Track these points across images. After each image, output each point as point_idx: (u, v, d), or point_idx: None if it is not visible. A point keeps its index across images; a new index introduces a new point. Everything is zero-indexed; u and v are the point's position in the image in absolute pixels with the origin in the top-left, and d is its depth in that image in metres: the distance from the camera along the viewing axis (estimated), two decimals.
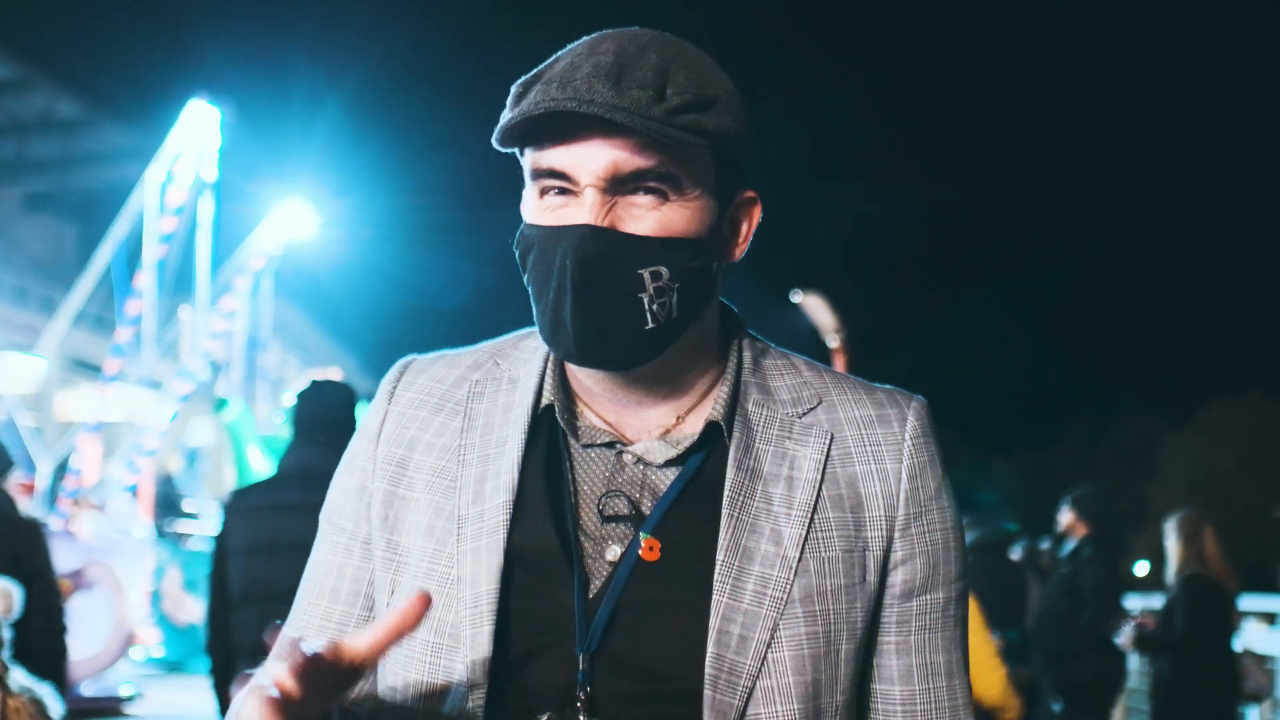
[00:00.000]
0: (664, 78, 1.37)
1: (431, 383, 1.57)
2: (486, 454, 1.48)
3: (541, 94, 1.36)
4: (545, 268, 1.39)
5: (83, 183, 28.02)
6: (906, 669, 1.46)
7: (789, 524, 1.41)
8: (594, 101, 1.33)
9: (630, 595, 1.38)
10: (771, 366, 1.54)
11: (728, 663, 1.35)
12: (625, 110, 1.33)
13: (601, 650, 1.37)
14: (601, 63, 1.36)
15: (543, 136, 1.38)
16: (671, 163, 1.38)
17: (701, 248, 1.42)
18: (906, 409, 1.51)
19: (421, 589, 1.31)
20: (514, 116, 1.36)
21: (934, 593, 1.47)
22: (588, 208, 1.37)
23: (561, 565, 1.40)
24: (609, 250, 1.36)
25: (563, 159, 1.38)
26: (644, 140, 1.35)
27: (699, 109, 1.38)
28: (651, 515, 1.42)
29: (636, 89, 1.35)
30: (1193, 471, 37.18)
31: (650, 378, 1.46)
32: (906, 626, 1.46)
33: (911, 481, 1.47)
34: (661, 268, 1.38)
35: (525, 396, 1.50)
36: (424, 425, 1.53)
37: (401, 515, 1.49)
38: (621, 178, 1.37)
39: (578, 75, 1.35)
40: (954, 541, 1.49)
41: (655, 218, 1.38)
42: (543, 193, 1.42)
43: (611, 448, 1.47)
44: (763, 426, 1.47)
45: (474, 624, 1.39)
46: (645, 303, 1.38)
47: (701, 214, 1.42)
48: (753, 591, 1.37)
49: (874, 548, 1.44)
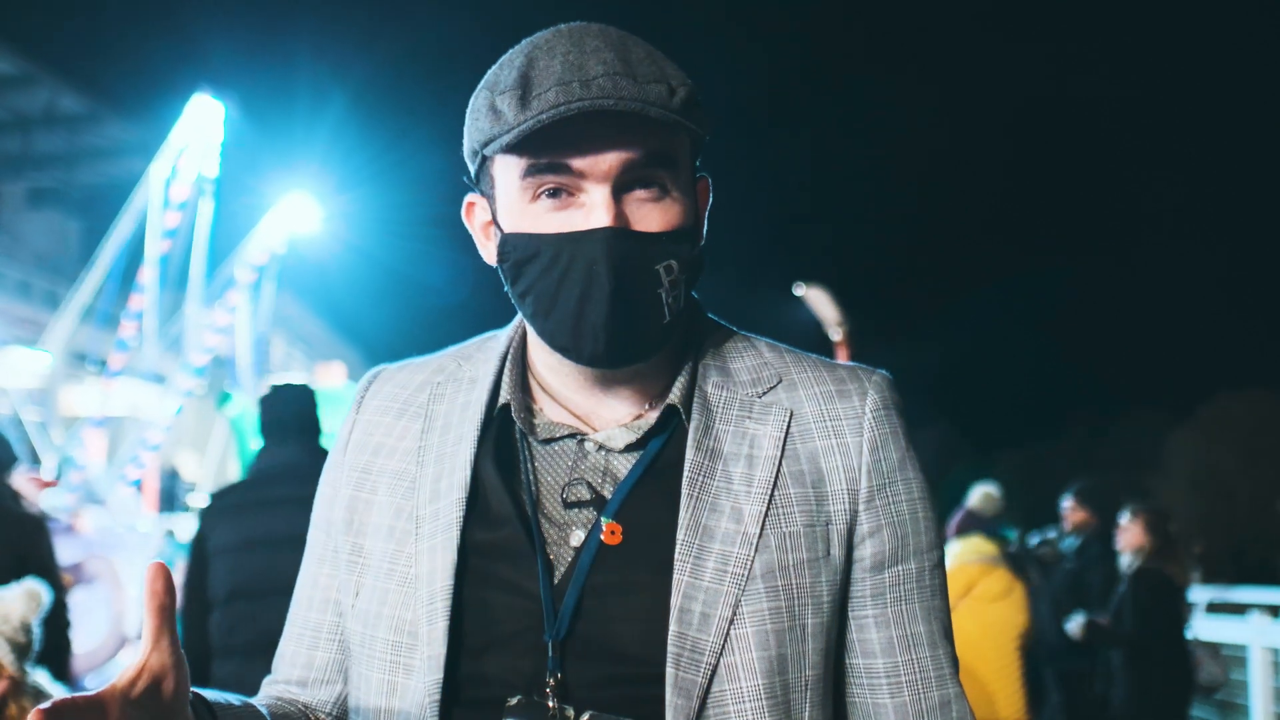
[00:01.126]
0: (664, 71, 1.40)
1: (396, 389, 1.60)
2: (444, 453, 1.50)
3: (563, 94, 1.35)
4: (561, 275, 1.39)
5: (87, 178, 28.05)
6: (887, 641, 1.46)
7: (749, 501, 1.42)
8: (624, 98, 1.34)
9: (594, 579, 1.39)
10: (731, 349, 1.56)
11: (690, 640, 1.36)
12: (654, 105, 1.35)
13: (570, 636, 1.38)
14: (608, 59, 1.37)
15: (544, 138, 1.37)
16: (674, 150, 1.42)
17: (694, 236, 1.46)
18: (867, 383, 1.52)
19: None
20: (540, 119, 1.34)
21: (906, 563, 1.47)
22: (600, 209, 1.38)
23: (524, 554, 1.42)
24: (634, 250, 1.38)
25: (574, 155, 1.38)
26: (650, 131, 1.38)
27: (696, 103, 1.42)
28: (612, 499, 1.43)
29: (653, 83, 1.37)
30: (1194, 467, 37.07)
31: (627, 373, 1.49)
32: (882, 599, 1.46)
33: (874, 454, 1.47)
34: (672, 261, 1.41)
35: (481, 395, 1.52)
36: (388, 430, 1.56)
37: (365, 519, 1.52)
38: (632, 165, 1.38)
39: (593, 74, 1.36)
40: (922, 512, 1.49)
41: (659, 212, 1.41)
42: (533, 195, 1.41)
43: (574, 438, 1.49)
44: (722, 407, 1.48)
45: (430, 620, 1.41)
46: (663, 297, 1.41)
47: (688, 203, 1.45)
48: (714, 569, 1.38)
49: (837, 521, 1.44)
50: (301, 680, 1.56)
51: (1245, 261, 63.38)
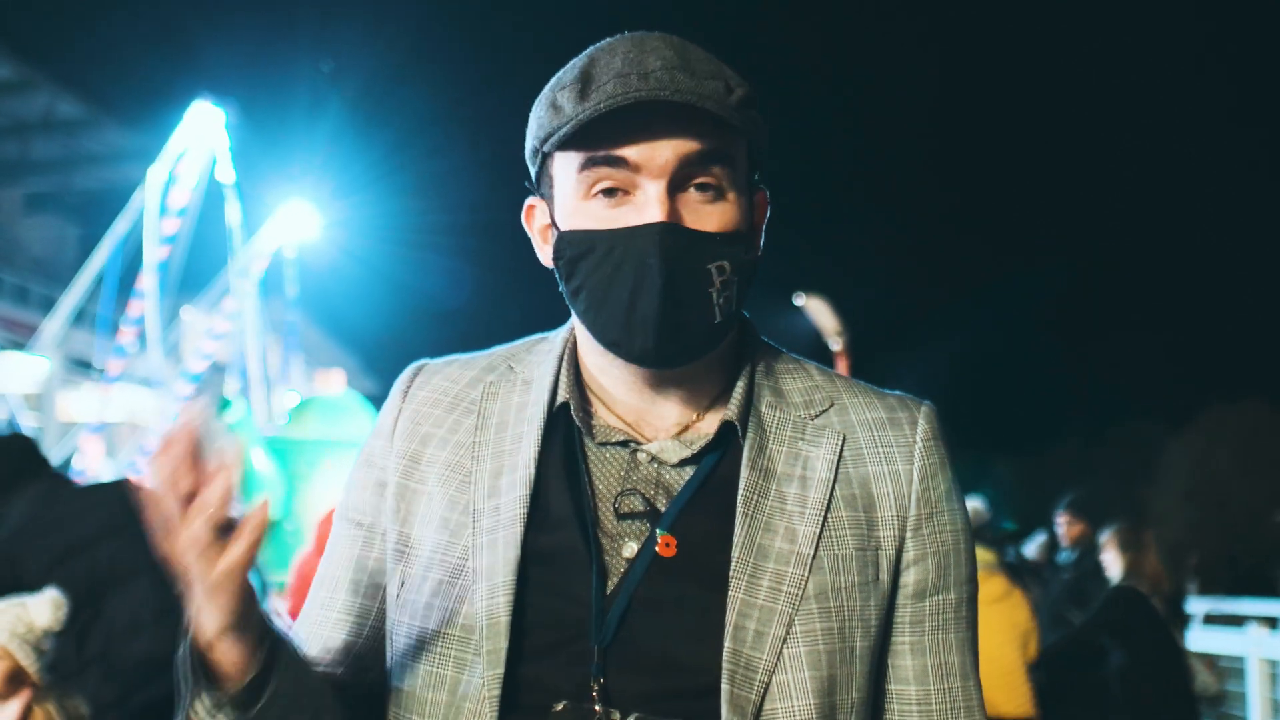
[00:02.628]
0: (723, 73, 1.42)
1: (446, 383, 1.59)
2: (501, 450, 1.49)
3: (621, 85, 1.37)
4: (614, 270, 1.40)
5: (85, 183, 28.02)
6: (921, 669, 1.47)
7: (803, 522, 1.43)
8: (682, 90, 1.35)
9: (646, 590, 1.39)
10: (784, 370, 1.57)
11: (744, 658, 1.36)
12: (712, 99, 1.37)
13: (616, 644, 1.37)
14: (668, 56, 1.39)
15: (602, 132, 1.39)
16: (731, 150, 1.42)
17: (749, 241, 1.47)
18: (917, 413, 1.54)
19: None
20: (596, 108, 1.37)
21: (946, 593, 1.48)
22: (654, 204, 1.39)
23: (579, 560, 1.41)
24: (686, 246, 1.39)
25: (630, 149, 1.39)
26: (709, 129, 1.39)
27: (753, 105, 1.44)
28: (668, 512, 1.43)
29: (710, 80, 1.39)
30: (1190, 476, 37.06)
31: (674, 378, 1.49)
32: (920, 627, 1.47)
33: (923, 483, 1.49)
34: (725, 262, 1.41)
35: (540, 395, 1.52)
36: (438, 422, 1.55)
37: (413, 508, 1.51)
38: (689, 161, 1.39)
39: (651, 68, 1.38)
40: (964, 543, 1.51)
41: (713, 212, 1.41)
42: (589, 192, 1.42)
43: (626, 446, 1.49)
44: (776, 427, 1.49)
45: (490, 616, 1.40)
46: (714, 297, 1.41)
47: (744, 208, 1.46)
48: (768, 588, 1.39)
49: (886, 547, 1.46)
50: (334, 664, 1.53)
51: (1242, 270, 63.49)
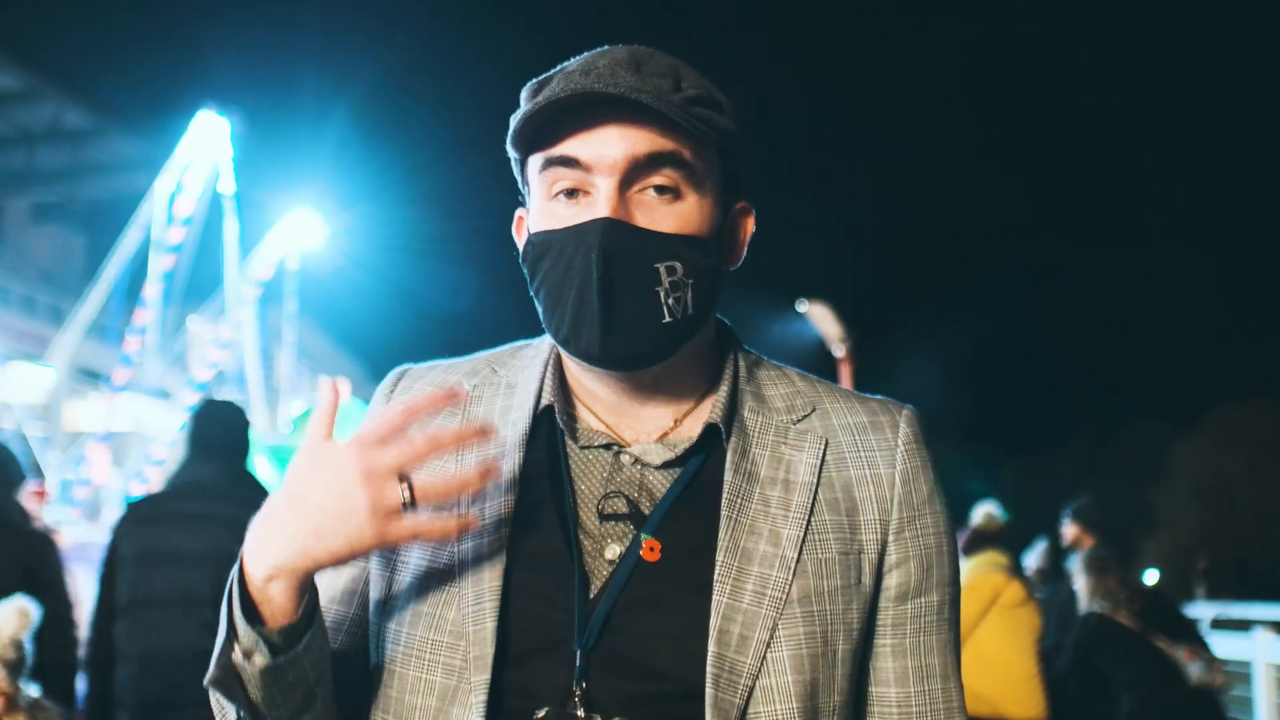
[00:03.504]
0: (677, 73, 1.44)
1: (429, 387, 1.60)
2: (485, 455, 1.49)
3: (563, 82, 1.40)
4: (564, 268, 1.42)
5: (91, 193, 28.08)
6: (902, 671, 1.48)
7: (786, 526, 1.43)
8: (619, 85, 1.37)
9: (630, 594, 1.40)
10: (765, 376, 1.58)
11: (728, 661, 1.36)
12: (650, 94, 1.37)
13: (599, 648, 1.38)
14: (619, 56, 1.42)
15: (558, 130, 1.42)
16: (686, 150, 1.42)
17: (710, 247, 1.46)
18: (899, 416, 1.55)
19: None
20: (537, 103, 1.40)
21: (928, 596, 1.49)
22: (603, 201, 1.40)
23: (562, 564, 1.42)
24: (629, 242, 1.40)
25: (580, 147, 1.41)
26: (661, 129, 1.40)
27: (711, 106, 1.45)
28: (652, 516, 1.44)
29: (656, 78, 1.41)
30: (1199, 478, 37.06)
31: (653, 382, 1.50)
32: (902, 629, 1.48)
33: (905, 486, 1.50)
34: (676, 262, 1.41)
35: (525, 399, 1.53)
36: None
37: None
38: (639, 163, 1.40)
39: (598, 65, 1.41)
40: (946, 546, 1.52)
41: (668, 213, 1.42)
42: (552, 194, 1.44)
43: (609, 449, 1.50)
44: (759, 432, 1.50)
45: (476, 620, 1.40)
46: (661, 296, 1.41)
47: (709, 213, 1.46)
48: (752, 591, 1.39)
49: (869, 550, 1.46)
50: None
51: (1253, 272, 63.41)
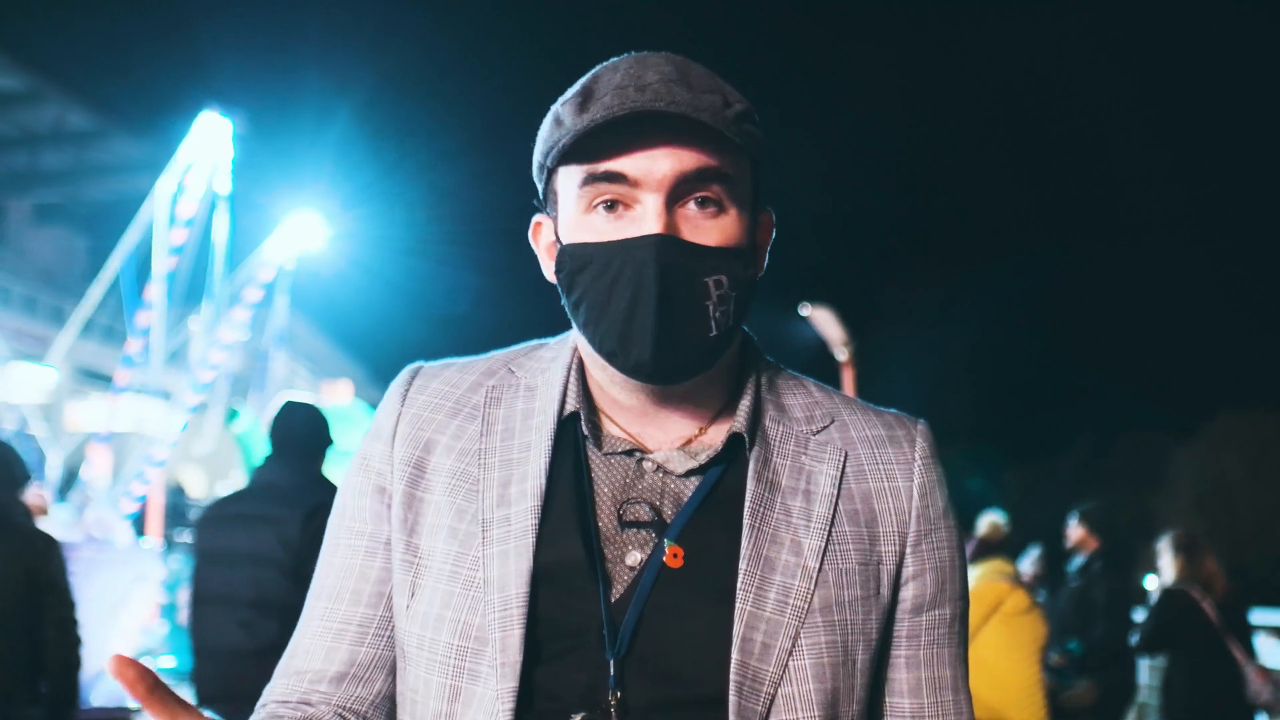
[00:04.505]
0: (722, 88, 1.44)
1: (446, 387, 1.59)
2: (509, 459, 1.49)
3: (618, 98, 1.38)
4: (612, 281, 1.41)
5: (93, 194, 28.05)
6: (915, 682, 1.50)
7: (808, 535, 1.45)
8: (677, 103, 1.37)
9: (655, 600, 1.40)
10: (785, 386, 1.59)
11: (751, 669, 1.38)
12: (706, 111, 1.38)
13: (630, 654, 1.38)
14: (666, 71, 1.41)
15: (601, 146, 1.41)
16: (729, 166, 1.43)
17: (748, 258, 1.47)
18: (914, 431, 1.58)
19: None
20: (594, 119, 1.38)
21: (941, 609, 1.52)
22: (652, 217, 1.40)
23: (584, 571, 1.42)
24: (683, 258, 1.40)
25: (628, 163, 1.40)
26: (708, 144, 1.40)
27: (752, 120, 1.45)
28: (675, 522, 1.44)
29: (707, 94, 1.40)
30: (1200, 484, 37.10)
31: (681, 392, 1.50)
32: (916, 641, 1.50)
33: (922, 499, 1.52)
34: (722, 276, 1.42)
35: (548, 404, 1.53)
36: (441, 428, 1.54)
37: (420, 517, 1.50)
38: (687, 178, 1.40)
39: (649, 81, 1.40)
40: (959, 560, 1.55)
41: (712, 227, 1.43)
42: (590, 206, 1.44)
43: (631, 455, 1.50)
44: (779, 441, 1.51)
45: (503, 627, 1.40)
46: (710, 310, 1.42)
47: (745, 225, 1.47)
48: (775, 600, 1.41)
49: (887, 562, 1.49)
50: (339, 676, 1.51)
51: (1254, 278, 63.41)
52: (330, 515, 1.61)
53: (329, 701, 1.50)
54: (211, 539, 4.74)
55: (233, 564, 4.53)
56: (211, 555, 4.70)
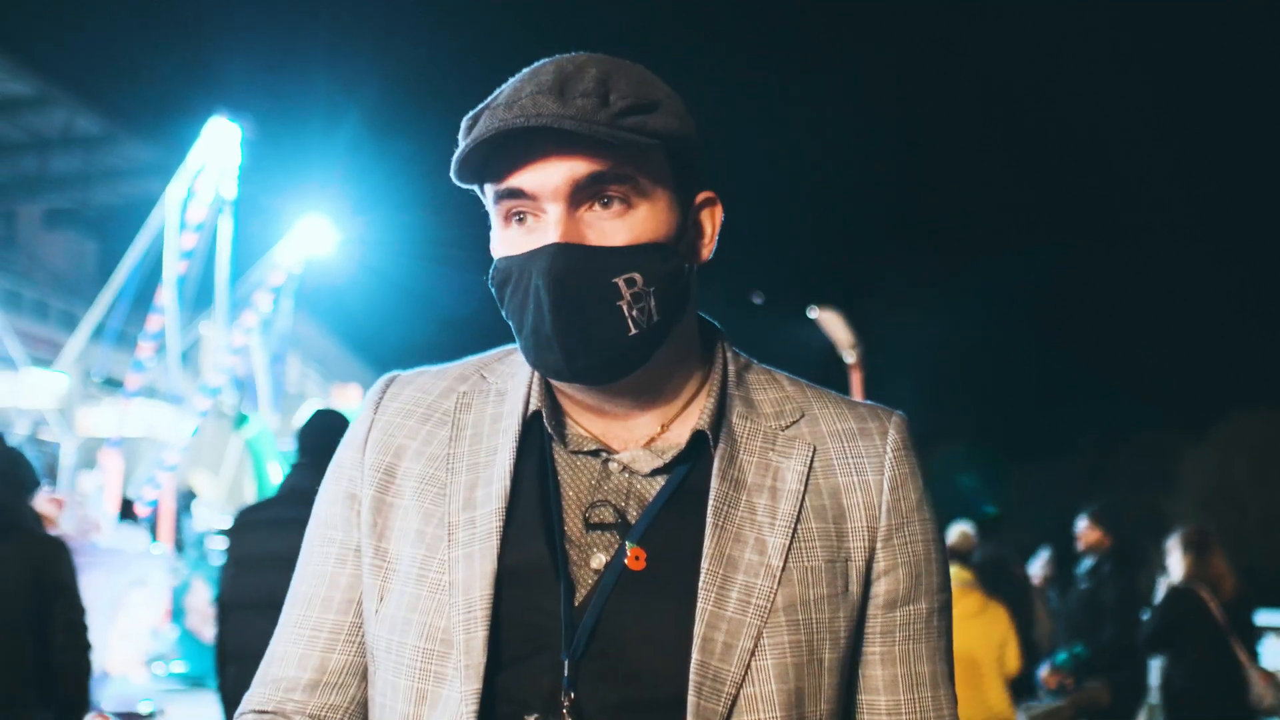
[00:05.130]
0: (605, 86, 1.41)
1: (418, 394, 1.59)
2: (476, 462, 1.49)
3: (489, 119, 1.39)
4: (522, 294, 1.42)
5: (103, 199, 28.14)
6: (891, 679, 1.48)
7: (773, 533, 1.43)
8: (541, 115, 1.36)
9: (616, 603, 1.39)
10: (754, 380, 1.57)
11: (712, 670, 1.36)
12: (572, 118, 1.36)
13: (586, 656, 1.38)
14: (543, 81, 1.40)
15: (500, 163, 1.41)
16: (627, 164, 1.40)
17: (669, 250, 1.45)
18: (888, 423, 1.54)
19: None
20: (466, 145, 1.40)
21: (917, 603, 1.49)
22: (552, 226, 1.40)
23: (548, 573, 1.41)
24: (580, 263, 1.39)
25: (523, 179, 1.40)
26: (597, 147, 1.38)
27: (643, 111, 1.42)
28: (637, 524, 1.43)
29: (580, 98, 1.38)
30: (1208, 484, 36.97)
31: (634, 389, 1.48)
32: (891, 637, 1.48)
33: (893, 493, 1.49)
34: (635, 274, 1.41)
35: (514, 406, 1.52)
36: (411, 434, 1.54)
37: (390, 521, 1.50)
38: (581, 185, 1.39)
39: (522, 96, 1.39)
40: (935, 553, 1.52)
41: (620, 225, 1.41)
42: (507, 220, 1.45)
43: (597, 455, 1.49)
44: (746, 438, 1.49)
45: (467, 629, 1.40)
46: (624, 310, 1.40)
47: (664, 217, 1.45)
48: (737, 599, 1.39)
49: (856, 558, 1.46)
50: (313, 683, 1.52)
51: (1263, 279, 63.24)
52: (310, 517, 1.63)
53: (304, 711, 1.51)
54: (245, 545, 4.77)
55: (267, 569, 4.54)
56: (245, 561, 4.73)
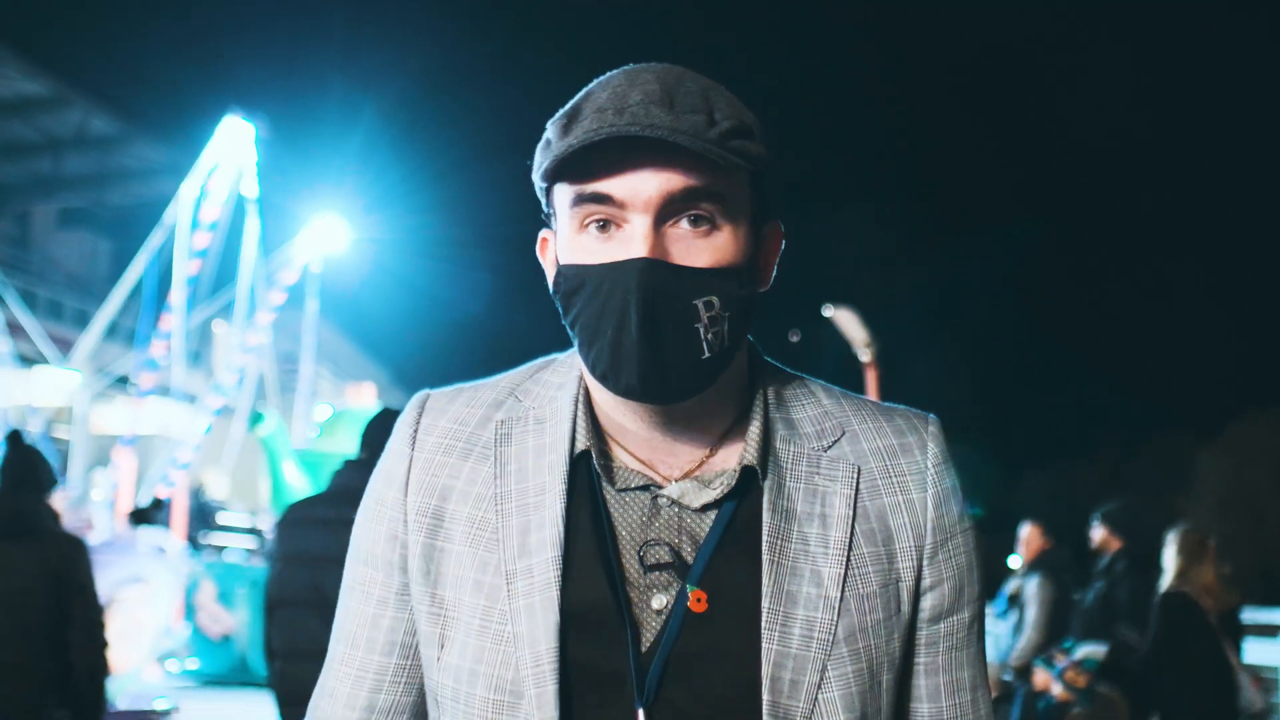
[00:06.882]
0: (709, 104, 1.39)
1: (454, 425, 1.55)
2: (525, 503, 1.47)
3: (597, 121, 1.36)
4: (600, 305, 1.39)
5: (117, 198, 28.21)
6: (935, 687, 1.50)
7: (827, 563, 1.43)
8: (655, 125, 1.33)
9: (682, 646, 1.39)
10: (792, 396, 1.55)
11: (782, 708, 1.37)
12: (685, 133, 1.33)
13: (659, 701, 1.37)
14: (651, 90, 1.37)
15: (589, 166, 1.38)
16: (720, 184, 1.39)
17: (745, 276, 1.43)
18: (925, 434, 1.54)
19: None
20: (571, 144, 1.36)
21: (960, 613, 1.50)
22: (639, 239, 1.37)
23: (611, 618, 1.40)
24: (667, 282, 1.36)
25: (614, 184, 1.37)
26: (695, 164, 1.36)
27: (744, 135, 1.40)
28: (695, 565, 1.42)
29: (690, 114, 1.36)
30: (1224, 487, 36.87)
31: (688, 413, 1.46)
32: (935, 647, 1.49)
33: (937, 509, 1.50)
34: (713, 297, 1.39)
35: (559, 441, 1.50)
36: (455, 472, 1.52)
37: (443, 569, 1.48)
38: (674, 199, 1.37)
39: (630, 102, 1.36)
40: (976, 562, 1.53)
41: (703, 247, 1.39)
42: (583, 225, 1.41)
43: (646, 490, 1.47)
44: (791, 463, 1.48)
45: (537, 683, 1.39)
46: (701, 333, 1.38)
47: (743, 242, 1.43)
48: (800, 636, 1.39)
49: (906, 578, 1.46)
50: None
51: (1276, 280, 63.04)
52: (349, 549, 1.61)
53: None
54: (292, 542, 4.75)
55: (315, 566, 4.54)
56: (293, 558, 4.70)
